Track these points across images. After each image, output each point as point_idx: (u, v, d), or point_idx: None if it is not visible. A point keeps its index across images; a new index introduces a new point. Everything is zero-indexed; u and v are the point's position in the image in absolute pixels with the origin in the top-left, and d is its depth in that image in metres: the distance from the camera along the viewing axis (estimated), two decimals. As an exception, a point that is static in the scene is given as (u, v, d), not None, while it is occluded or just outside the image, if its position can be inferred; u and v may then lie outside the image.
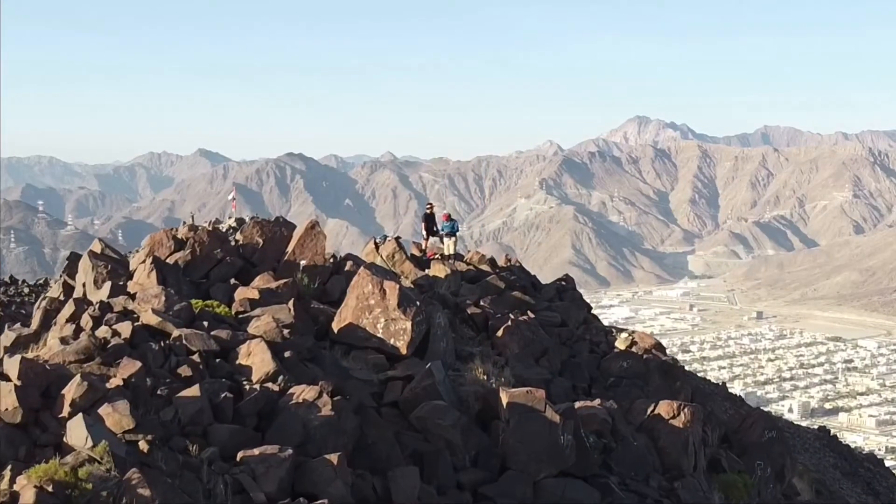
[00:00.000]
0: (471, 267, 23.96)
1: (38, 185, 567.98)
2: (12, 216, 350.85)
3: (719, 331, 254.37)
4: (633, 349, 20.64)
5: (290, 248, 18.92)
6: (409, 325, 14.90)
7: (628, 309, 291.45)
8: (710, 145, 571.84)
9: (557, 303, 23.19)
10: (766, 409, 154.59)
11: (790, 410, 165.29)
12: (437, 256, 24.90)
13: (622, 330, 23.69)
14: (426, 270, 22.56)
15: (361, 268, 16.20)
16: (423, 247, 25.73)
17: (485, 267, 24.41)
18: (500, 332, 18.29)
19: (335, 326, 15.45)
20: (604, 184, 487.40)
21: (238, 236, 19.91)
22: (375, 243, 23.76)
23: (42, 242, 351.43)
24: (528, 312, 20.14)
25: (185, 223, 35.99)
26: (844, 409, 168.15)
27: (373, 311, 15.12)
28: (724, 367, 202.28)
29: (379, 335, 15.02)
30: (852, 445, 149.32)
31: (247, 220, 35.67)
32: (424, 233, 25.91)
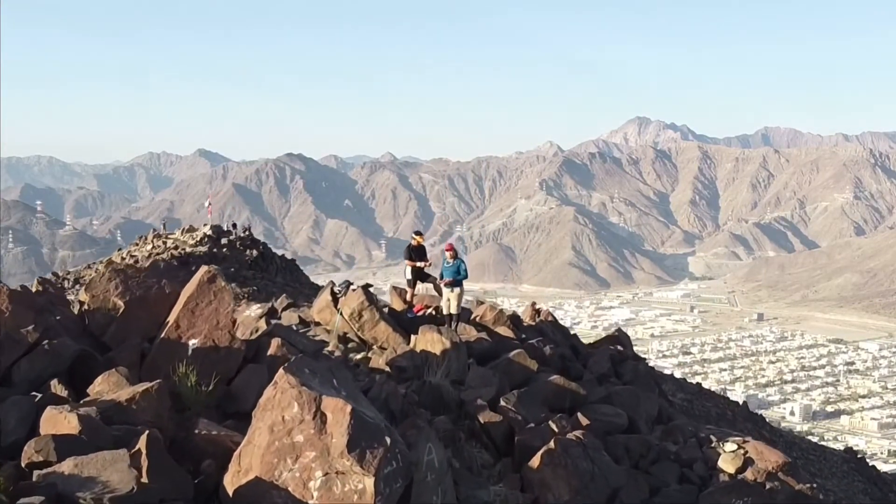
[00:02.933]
0: (483, 335, 15.96)
1: (38, 184, 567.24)
2: (11, 216, 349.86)
3: (720, 332, 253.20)
4: (748, 472, 13.12)
5: (171, 318, 10.52)
6: (369, 483, 7.65)
7: (629, 311, 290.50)
8: (711, 146, 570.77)
9: (615, 385, 15.78)
10: (767, 411, 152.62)
11: (792, 413, 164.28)
12: (429, 311, 17.66)
13: (724, 435, 15.02)
14: (412, 339, 15.04)
15: (282, 370, 8.23)
16: (409, 298, 17.74)
17: (504, 330, 16.72)
18: (535, 461, 10.94)
19: (230, 483, 7.98)
20: (604, 185, 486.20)
21: (82, 296, 11.64)
22: (333, 294, 16.97)
23: (41, 242, 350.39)
24: (579, 415, 12.66)
25: (154, 230, 35.15)
26: (846, 412, 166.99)
27: (301, 455, 7.82)
28: (725, 370, 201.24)
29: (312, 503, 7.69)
30: (854, 448, 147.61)
31: (225, 226, 34.37)
32: (409, 275, 17.47)
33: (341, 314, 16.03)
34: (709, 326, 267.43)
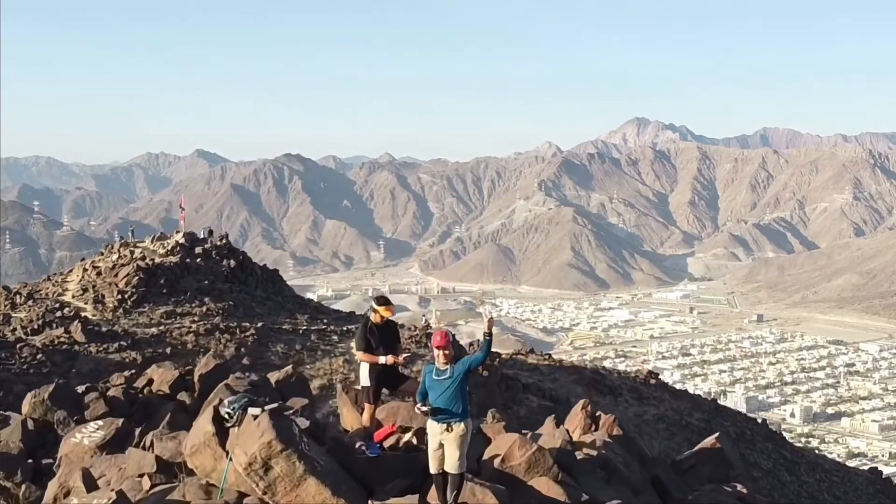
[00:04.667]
0: None
1: (36, 185, 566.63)
2: (8, 217, 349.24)
3: (720, 334, 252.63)
4: None
5: None
6: None
7: (628, 312, 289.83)
8: (710, 147, 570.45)
9: None
10: (767, 413, 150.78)
11: (792, 415, 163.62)
12: (405, 441, 10.13)
13: None
14: None
15: None
16: (366, 419, 9.81)
17: (545, 485, 9.06)
18: None
19: None
20: (603, 185, 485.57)
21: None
22: (219, 419, 9.13)
23: (38, 243, 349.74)
24: None
25: (121, 238, 33.10)
26: (847, 414, 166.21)
27: None
28: (724, 371, 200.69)
29: None
30: (855, 451, 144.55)
31: (202, 233, 32.01)
32: (367, 378, 9.73)
33: (231, 461, 8.54)
34: (708, 328, 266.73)
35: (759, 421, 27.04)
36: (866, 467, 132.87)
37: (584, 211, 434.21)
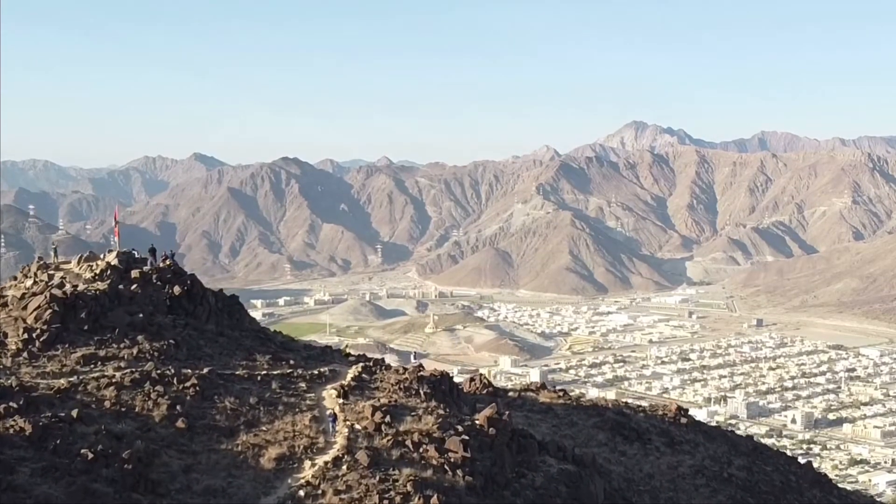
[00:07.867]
0: None
1: (33, 188, 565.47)
2: (3, 220, 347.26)
3: (719, 338, 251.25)
4: None
5: None
6: None
7: (626, 316, 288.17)
8: (708, 150, 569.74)
9: None
10: (768, 419, 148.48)
11: (793, 421, 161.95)
12: None
13: None
14: None
15: None
16: None
17: None
18: None
19: None
20: (601, 189, 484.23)
21: None
22: None
23: (33, 247, 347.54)
24: None
25: (39, 258, 28.83)
26: (848, 420, 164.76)
27: None
28: (724, 376, 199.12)
29: None
30: (857, 458, 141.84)
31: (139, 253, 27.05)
32: None
33: None
34: (708, 332, 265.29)
35: (804, 462, 24.99)
36: (869, 474, 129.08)
37: (583, 215, 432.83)
